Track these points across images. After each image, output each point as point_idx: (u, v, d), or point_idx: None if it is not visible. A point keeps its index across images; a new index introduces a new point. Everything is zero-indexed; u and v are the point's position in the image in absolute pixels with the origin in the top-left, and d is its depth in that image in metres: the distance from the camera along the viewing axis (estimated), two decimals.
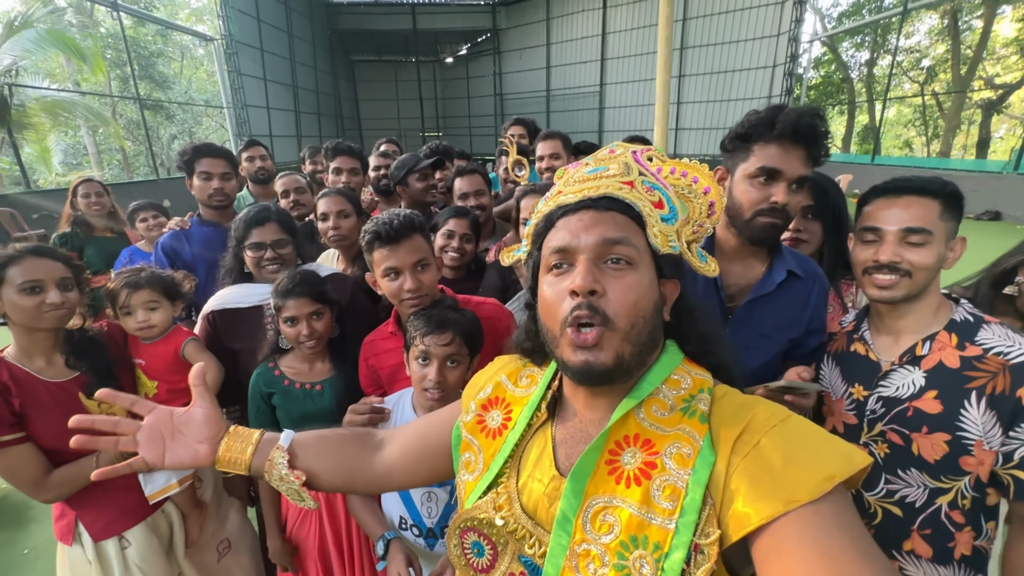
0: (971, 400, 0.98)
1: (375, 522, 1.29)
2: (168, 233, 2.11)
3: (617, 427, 0.64)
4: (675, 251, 0.68)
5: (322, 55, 21.96)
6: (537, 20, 21.12)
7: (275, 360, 1.54)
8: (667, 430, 0.62)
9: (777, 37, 15.00)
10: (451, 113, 26.24)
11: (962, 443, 0.99)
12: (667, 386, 0.66)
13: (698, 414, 0.62)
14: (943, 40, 19.58)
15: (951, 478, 1.02)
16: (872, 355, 1.14)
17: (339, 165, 2.40)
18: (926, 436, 1.02)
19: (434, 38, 24.30)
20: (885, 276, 1.05)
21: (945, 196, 1.03)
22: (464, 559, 0.72)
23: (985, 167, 13.10)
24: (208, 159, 2.09)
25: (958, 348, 1.03)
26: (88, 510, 1.42)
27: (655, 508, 0.57)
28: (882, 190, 1.09)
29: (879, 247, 1.06)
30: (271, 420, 1.52)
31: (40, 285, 1.29)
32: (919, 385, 1.04)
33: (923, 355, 1.05)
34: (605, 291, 0.62)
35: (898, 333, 1.11)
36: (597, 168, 0.70)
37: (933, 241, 1.02)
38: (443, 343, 1.20)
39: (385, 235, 1.31)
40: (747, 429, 0.58)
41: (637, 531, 0.57)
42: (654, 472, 0.59)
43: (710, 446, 0.58)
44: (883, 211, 1.07)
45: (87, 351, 1.42)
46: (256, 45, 16.91)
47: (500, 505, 0.69)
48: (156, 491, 1.50)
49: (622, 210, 0.66)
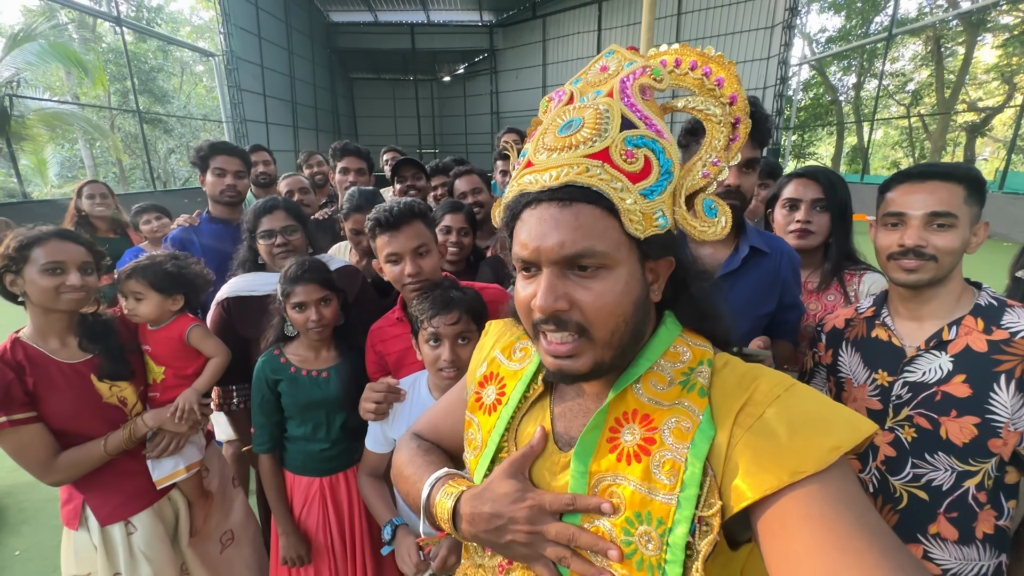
0: (1000, 383, 0.98)
1: (384, 507, 1.30)
2: (177, 229, 2.13)
3: (616, 403, 0.62)
4: (663, 228, 0.59)
5: (321, 72, 22.27)
6: (533, 41, 21.61)
7: (280, 348, 1.56)
8: (666, 404, 0.60)
9: (767, 60, 15.42)
10: (448, 131, 26.57)
11: (991, 425, 0.99)
12: (665, 359, 0.63)
13: (697, 387, 0.59)
14: (927, 65, 20.20)
15: (979, 461, 1.02)
16: (896, 340, 1.12)
17: (346, 165, 2.45)
18: (955, 420, 1.02)
19: (432, 57, 24.75)
20: (911, 261, 1.05)
21: (970, 181, 1.02)
22: None
23: None
24: (224, 156, 2.13)
25: (985, 332, 1.02)
26: (96, 494, 1.42)
27: (656, 483, 0.56)
28: (906, 175, 1.08)
29: (904, 232, 1.06)
30: (276, 407, 1.54)
31: (62, 267, 1.32)
32: (947, 370, 1.04)
33: (950, 340, 1.05)
34: (572, 304, 0.57)
35: (922, 318, 1.10)
36: (572, 121, 0.59)
37: (958, 225, 1.02)
38: (451, 322, 1.22)
39: (385, 222, 1.36)
40: (750, 401, 0.56)
41: (640, 507, 0.56)
42: (653, 448, 0.58)
43: (710, 420, 0.57)
44: (908, 196, 1.06)
45: (100, 335, 1.43)
46: (256, 61, 17.14)
47: None
48: (164, 476, 1.50)
49: (590, 198, 0.56)
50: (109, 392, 1.41)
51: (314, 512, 1.55)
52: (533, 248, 0.58)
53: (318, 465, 1.55)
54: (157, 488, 1.50)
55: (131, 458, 1.46)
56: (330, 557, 1.55)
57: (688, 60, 0.62)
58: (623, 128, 0.57)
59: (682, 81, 0.63)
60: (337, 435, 1.53)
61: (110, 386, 1.41)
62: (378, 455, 1.37)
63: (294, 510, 1.57)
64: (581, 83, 0.65)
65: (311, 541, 1.55)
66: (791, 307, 1.38)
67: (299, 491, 1.57)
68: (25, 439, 1.28)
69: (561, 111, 0.63)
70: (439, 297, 1.26)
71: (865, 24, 20.71)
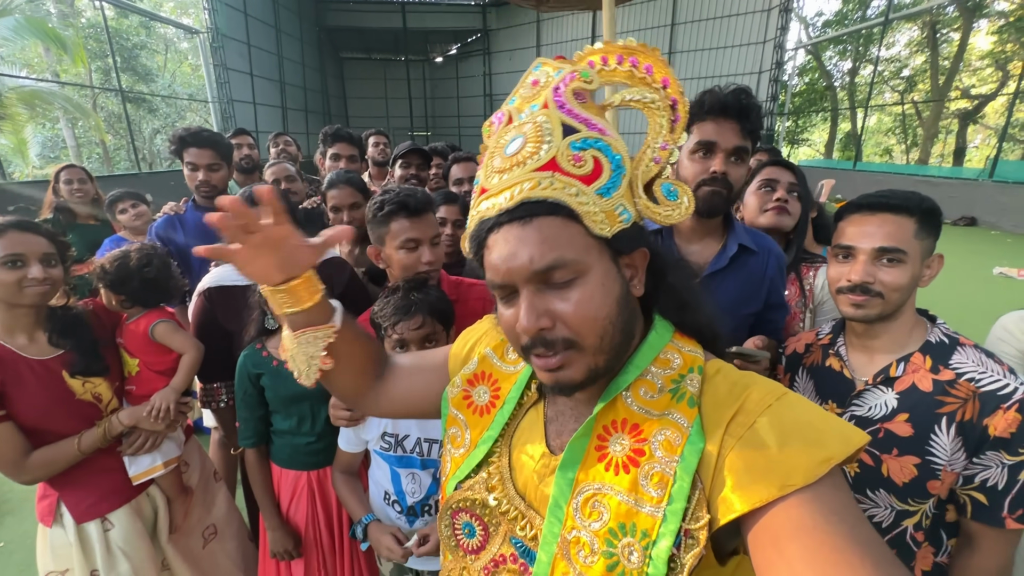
0: (941, 426, 0.97)
1: (356, 504, 1.31)
2: (162, 218, 2.07)
3: (605, 412, 0.62)
4: (627, 222, 0.59)
5: (310, 51, 21.76)
6: (527, 22, 21.20)
7: (263, 342, 1.53)
8: (655, 414, 0.59)
9: (763, 44, 15.26)
10: (440, 113, 26.18)
11: (931, 467, 0.98)
12: (656, 366, 0.62)
13: (687, 397, 0.59)
14: (922, 51, 20.11)
15: (917, 501, 1.01)
16: (847, 372, 1.11)
17: (338, 151, 2.40)
18: (896, 458, 1.01)
19: (424, 37, 24.25)
20: (857, 296, 1.03)
21: (922, 213, 1.00)
22: (455, 540, 0.71)
23: (961, 174, 13.49)
24: (194, 149, 2.04)
25: (932, 371, 1.00)
26: (70, 491, 1.39)
27: (643, 495, 0.56)
28: (856, 206, 1.05)
29: (852, 266, 1.04)
30: (259, 402, 1.51)
31: (22, 259, 1.27)
32: (891, 407, 1.03)
33: (897, 376, 1.03)
34: (555, 320, 0.57)
35: (872, 351, 1.09)
36: (515, 139, 0.59)
37: (907, 260, 1.00)
38: (415, 327, 1.20)
39: (412, 206, 1.34)
40: (741, 410, 0.55)
41: (626, 519, 0.56)
42: (642, 459, 0.57)
43: (699, 432, 0.56)
44: (857, 228, 1.04)
45: (71, 329, 1.39)
46: (243, 39, 16.70)
47: (493, 486, 0.68)
48: (141, 472, 1.47)
49: (549, 211, 0.56)
50: (82, 388, 1.37)
51: (302, 506, 1.54)
52: (504, 271, 0.57)
53: (305, 459, 1.54)
54: (134, 484, 1.48)
55: (107, 455, 1.44)
56: (318, 550, 1.55)
57: (614, 56, 0.62)
58: (565, 135, 0.57)
59: (613, 77, 0.63)
60: (322, 428, 1.51)
61: (83, 382, 1.38)
62: (350, 454, 1.37)
63: (281, 504, 1.56)
64: (516, 101, 0.64)
65: (299, 535, 1.54)
66: (778, 306, 1.37)
67: (286, 485, 1.56)
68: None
69: (502, 132, 0.63)
70: (400, 303, 1.23)
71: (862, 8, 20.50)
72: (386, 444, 1.28)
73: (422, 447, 1.26)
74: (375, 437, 1.29)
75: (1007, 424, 0.92)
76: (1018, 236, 9.89)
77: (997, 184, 11.14)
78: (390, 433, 1.28)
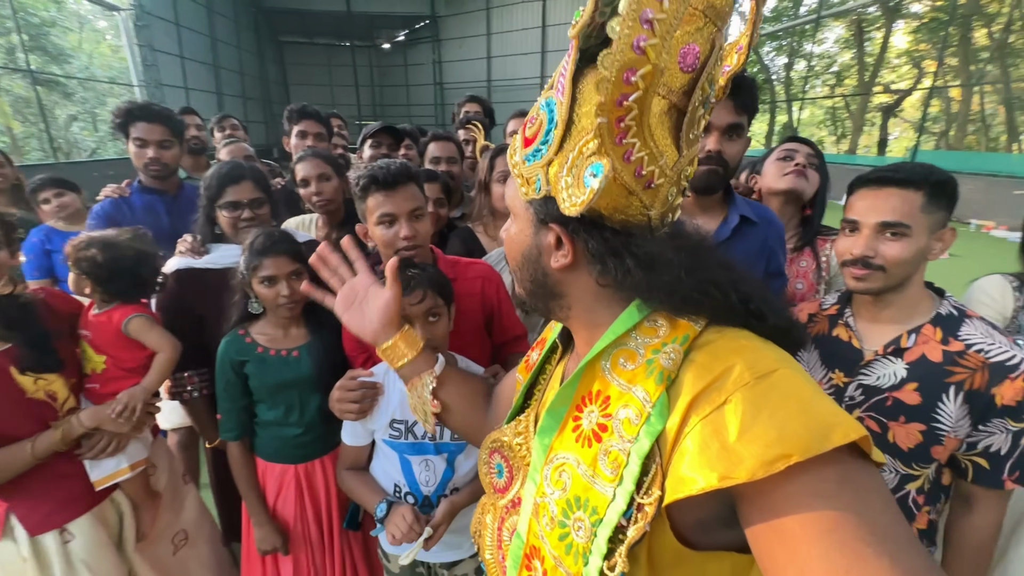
0: (949, 394, 1.00)
1: (370, 491, 1.23)
2: (106, 202, 1.87)
3: (586, 380, 0.61)
4: (538, 192, 0.57)
5: (246, 34, 20.50)
6: (477, 9, 20.93)
7: (245, 327, 1.42)
8: (625, 387, 0.56)
9: None
10: (389, 101, 25.46)
11: (936, 433, 1.02)
12: (639, 333, 0.58)
13: (656, 372, 0.53)
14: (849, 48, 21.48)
15: (921, 465, 1.06)
16: (855, 342, 1.12)
17: (304, 128, 2.26)
18: (903, 425, 1.04)
19: (370, 22, 23.39)
20: (859, 270, 1.05)
21: (931, 186, 0.99)
22: (488, 478, 0.78)
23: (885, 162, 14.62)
24: (143, 124, 1.86)
25: (942, 343, 1.03)
26: (22, 501, 1.24)
27: (599, 472, 0.55)
28: (864, 180, 1.07)
29: (856, 239, 1.06)
30: (243, 391, 1.40)
31: None
32: (900, 377, 1.05)
33: (907, 347, 1.05)
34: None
35: (881, 322, 1.11)
36: None
37: (911, 234, 1.00)
38: (415, 301, 1.14)
39: (383, 179, 1.27)
40: (714, 386, 0.49)
41: (582, 492, 0.56)
42: (604, 435, 0.56)
43: (660, 412, 0.51)
44: (863, 202, 1.06)
45: (18, 320, 1.22)
46: (171, 19, 15.52)
47: (519, 432, 0.73)
48: (104, 476, 1.33)
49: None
50: (34, 386, 1.22)
51: (290, 501, 1.45)
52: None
53: (292, 452, 1.45)
54: (96, 490, 1.34)
55: (64, 459, 1.29)
56: (307, 546, 1.46)
57: None
58: (546, 89, 0.57)
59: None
60: (311, 419, 1.43)
61: (35, 379, 1.22)
62: (355, 448, 1.28)
63: (267, 499, 1.46)
64: None
65: (287, 531, 1.45)
66: (776, 275, 1.41)
67: (272, 479, 1.46)
68: None
69: None
70: (401, 279, 1.18)
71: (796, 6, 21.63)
72: (395, 432, 1.21)
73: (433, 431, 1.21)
74: (383, 426, 1.22)
75: (1015, 393, 0.96)
76: None
77: None
78: (399, 420, 1.21)
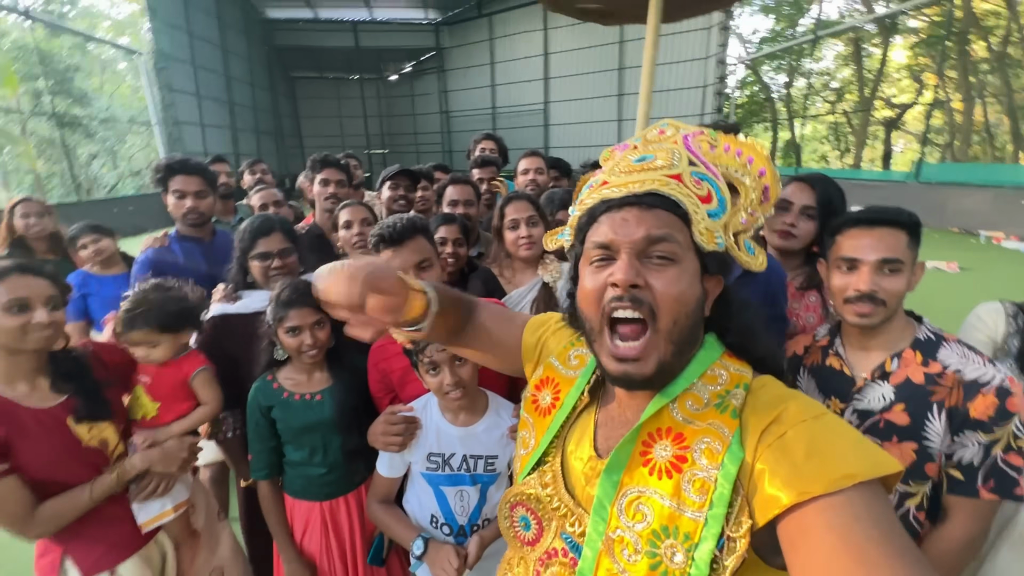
0: (933, 412, 1.08)
1: (405, 527, 1.29)
2: (150, 250, 2.01)
3: (651, 420, 0.65)
4: (720, 247, 0.66)
5: (259, 71, 21.27)
6: (480, 40, 21.52)
7: (273, 373, 1.51)
8: (699, 424, 0.63)
9: (706, 60, 16.09)
10: (396, 130, 26.06)
11: (927, 451, 1.09)
12: (703, 381, 0.66)
13: (730, 409, 0.62)
14: (848, 64, 21.76)
15: (917, 483, 1.12)
16: (847, 370, 1.20)
17: (326, 176, 2.39)
18: (896, 445, 1.11)
19: (377, 55, 24.19)
20: (865, 306, 1.12)
21: (911, 227, 1.12)
22: (513, 531, 0.77)
23: (891, 177, 14.69)
24: (182, 176, 2.01)
25: (923, 365, 1.11)
26: (77, 544, 1.32)
27: (685, 500, 0.59)
28: (855, 221, 1.15)
29: (857, 276, 1.13)
30: (271, 433, 1.49)
31: (27, 304, 1.21)
32: (889, 399, 1.13)
33: (891, 371, 1.13)
34: (648, 284, 0.62)
35: (869, 349, 1.19)
36: (644, 157, 0.69)
37: (904, 269, 1.10)
38: (441, 348, 1.22)
39: (389, 237, 1.38)
40: (777, 420, 0.58)
41: (668, 522, 0.59)
42: (684, 466, 0.60)
43: (739, 442, 0.59)
44: (859, 242, 1.13)
45: (73, 373, 1.32)
46: (188, 60, 16.17)
47: (546, 483, 0.73)
48: (150, 519, 1.41)
49: (667, 207, 0.64)
50: (88, 435, 1.31)
51: (315, 537, 1.52)
52: (613, 237, 0.65)
53: (318, 490, 1.52)
54: (143, 532, 1.41)
55: (113, 503, 1.37)
56: None
57: (723, 144, 0.72)
58: (690, 164, 0.68)
59: (721, 159, 0.71)
60: (335, 459, 1.50)
61: (89, 428, 1.32)
62: (389, 480, 1.35)
63: (295, 535, 1.53)
64: (641, 140, 0.76)
65: (315, 565, 1.52)
66: (777, 318, 1.48)
67: (299, 516, 1.53)
68: (2, 493, 1.17)
69: (627, 154, 0.74)
70: None
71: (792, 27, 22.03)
72: (432, 464, 1.28)
73: (468, 463, 1.27)
74: (420, 459, 1.29)
75: (985, 407, 1.05)
76: (943, 232, 10.81)
77: (923, 185, 12.16)
78: (435, 453, 1.28)
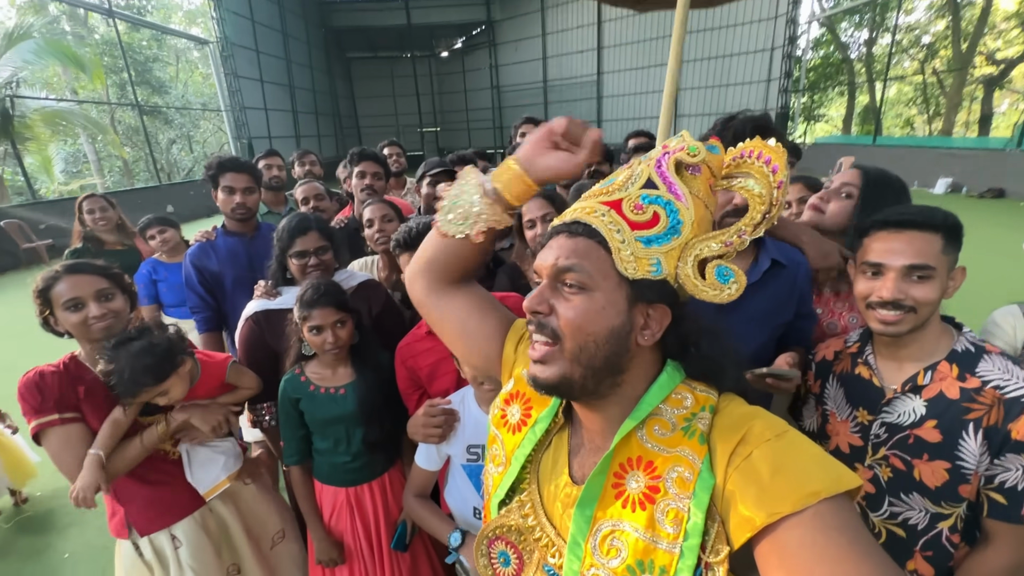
0: (969, 431, 0.99)
1: (440, 521, 1.35)
2: (195, 246, 2.17)
3: (621, 449, 0.65)
4: (656, 275, 0.64)
5: (317, 54, 21.94)
6: (532, 11, 21.02)
7: (302, 367, 1.61)
8: (669, 451, 0.62)
9: (775, 19, 14.90)
10: (448, 108, 26.21)
11: (961, 472, 1.01)
12: (668, 405, 0.66)
13: (698, 434, 0.62)
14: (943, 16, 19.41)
15: (951, 504, 1.03)
16: (876, 380, 1.13)
17: (363, 169, 2.46)
18: (927, 463, 1.03)
19: (429, 32, 24.24)
20: (890, 313, 1.04)
21: (947, 230, 1.01)
22: (491, 569, 0.76)
23: (988, 144, 13.03)
24: (232, 174, 2.15)
25: (959, 379, 1.02)
26: (133, 506, 1.48)
27: (660, 532, 0.58)
28: (883, 223, 1.06)
29: (882, 283, 1.04)
30: (300, 423, 1.60)
31: (80, 301, 1.36)
32: (920, 414, 1.05)
33: (924, 384, 1.05)
34: (552, 312, 0.65)
35: (901, 359, 1.10)
36: (608, 181, 0.69)
37: (936, 276, 1.00)
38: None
39: (404, 241, 1.45)
40: (743, 440, 0.59)
41: (643, 555, 0.58)
42: (657, 496, 0.60)
43: (709, 468, 0.59)
44: (885, 245, 1.04)
45: None
46: (251, 47, 16.90)
47: (526, 513, 0.72)
48: (210, 488, 1.55)
49: (588, 234, 0.65)
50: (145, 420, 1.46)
51: (342, 520, 1.64)
52: (540, 264, 0.69)
53: (343, 476, 1.63)
54: (206, 501, 1.56)
55: (162, 470, 1.51)
56: (360, 560, 1.64)
57: (757, 151, 0.68)
58: (645, 187, 0.66)
59: (751, 168, 0.67)
60: (358, 449, 1.60)
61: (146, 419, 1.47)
62: (427, 473, 1.41)
63: (324, 516, 1.65)
64: (647, 157, 0.73)
65: (343, 544, 1.64)
66: (806, 315, 1.41)
67: (327, 499, 1.65)
68: (72, 436, 1.33)
69: (617, 173, 0.73)
70: None
71: None
72: (472, 456, 1.34)
73: None
74: (460, 451, 1.35)
75: None
76: None
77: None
78: (474, 445, 1.34)
